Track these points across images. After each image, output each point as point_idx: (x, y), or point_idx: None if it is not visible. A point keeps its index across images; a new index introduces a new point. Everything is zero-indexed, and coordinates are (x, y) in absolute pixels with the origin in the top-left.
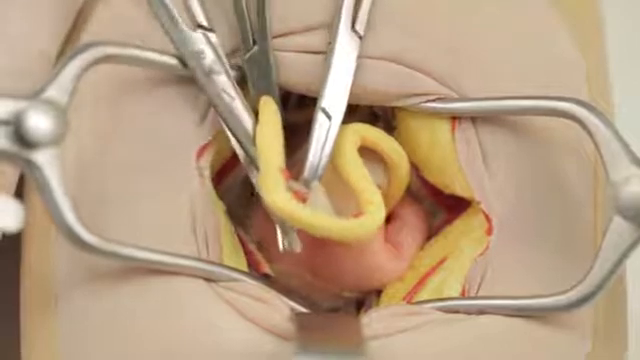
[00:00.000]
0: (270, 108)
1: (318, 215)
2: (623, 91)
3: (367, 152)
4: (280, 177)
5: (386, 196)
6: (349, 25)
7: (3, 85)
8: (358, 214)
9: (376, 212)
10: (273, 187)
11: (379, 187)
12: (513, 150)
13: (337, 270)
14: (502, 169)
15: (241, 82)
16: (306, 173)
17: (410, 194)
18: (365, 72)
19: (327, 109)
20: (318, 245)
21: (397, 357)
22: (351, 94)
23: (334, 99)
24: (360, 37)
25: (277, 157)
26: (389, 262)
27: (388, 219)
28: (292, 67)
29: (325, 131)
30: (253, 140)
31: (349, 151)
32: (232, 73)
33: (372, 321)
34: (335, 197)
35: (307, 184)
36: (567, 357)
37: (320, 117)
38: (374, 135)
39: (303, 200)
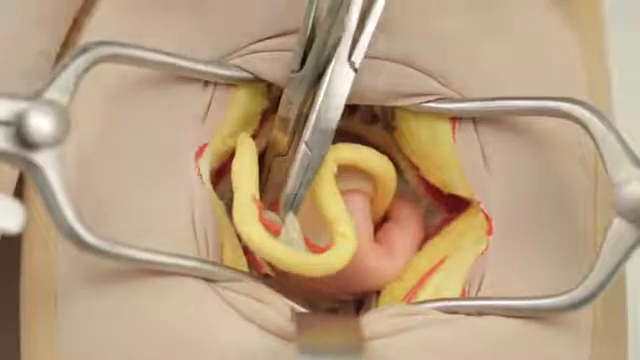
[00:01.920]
0: (247, 143)
1: (287, 250)
2: (623, 91)
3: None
4: (253, 207)
5: (373, 203)
6: (346, 55)
7: (3, 85)
8: (329, 245)
9: (346, 245)
10: (245, 218)
11: (367, 195)
12: (514, 150)
13: (331, 274)
14: (502, 169)
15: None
16: (282, 205)
17: (408, 194)
18: (365, 72)
19: (309, 143)
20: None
21: (397, 357)
22: (351, 94)
23: (319, 133)
24: (355, 70)
25: (251, 187)
26: (381, 263)
27: (383, 219)
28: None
29: (306, 164)
30: None
31: (326, 179)
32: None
33: (372, 321)
34: (312, 223)
35: (282, 213)
36: (567, 358)
37: (303, 150)
38: (354, 154)
39: (276, 232)
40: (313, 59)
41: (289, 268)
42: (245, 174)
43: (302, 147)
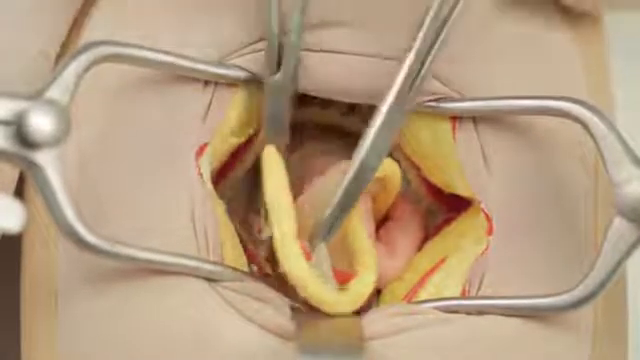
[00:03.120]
0: (275, 162)
1: (324, 291)
2: (624, 91)
3: None
4: (297, 246)
5: (375, 202)
6: (401, 100)
7: (3, 85)
8: (352, 274)
9: (368, 275)
10: (291, 257)
11: (369, 194)
12: (514, 150)
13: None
14: (503, 169)
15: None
16: (317, 231)
17: (409, 193)
18: (366, 70)
19: (356, 175)
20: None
21: (397, 357)
22: (351, 92)
23: (367, 169)
24: (403, 114)
25: (291, 223)
26: (381, 262)
27: (384, 219)
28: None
29: (350, 194)
30: None
31: (354, 212)
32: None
33: (372, 321)
34: (335, 248)
35: (315, 242)
36: (567, 358)
37: (349, 179)
38: None
39: (308, 257)
40: (289, 61)
41: (318, 305)
42: (282, 208)
43: (349, 182)
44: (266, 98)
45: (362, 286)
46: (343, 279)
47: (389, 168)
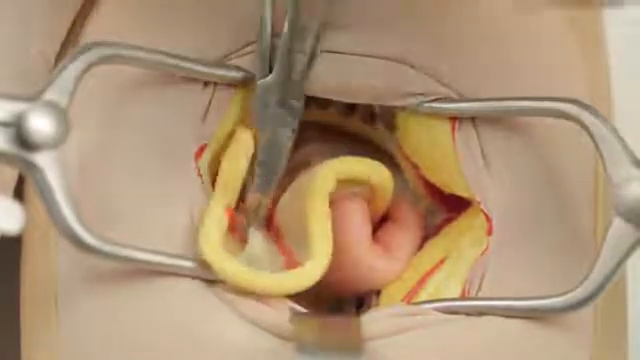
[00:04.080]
0: (243, 145)
1: (243, 272)
2: (624, 91)
3: None
4: (216, 228)
5: (371, 205)
6: None
7: (2, 86)
8: (297, 264)
9: (318, 263)
10: (208, 238)
11: (364, 197)
12: (514, 151)
13: (328, 276)
14: (502, 169)
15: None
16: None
17: (408, 194)
18: (366, 70)
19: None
20: None
21: (397, 357)
22: (351, 92)
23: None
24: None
25: (226, 199)
26: (380, 263)
27: (382, 219)
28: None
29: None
30: None
31: (320, 194)
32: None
33: (371, 321)
34: (299, 233)
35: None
36: (568, 358)
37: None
38: (352, 168)
39: (244, 241)
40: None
41: (246, 289)
42: (226, 184)
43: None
44: (257, 98)
45: (309, 272)
46: (289, 263)
47: (377, 176)
